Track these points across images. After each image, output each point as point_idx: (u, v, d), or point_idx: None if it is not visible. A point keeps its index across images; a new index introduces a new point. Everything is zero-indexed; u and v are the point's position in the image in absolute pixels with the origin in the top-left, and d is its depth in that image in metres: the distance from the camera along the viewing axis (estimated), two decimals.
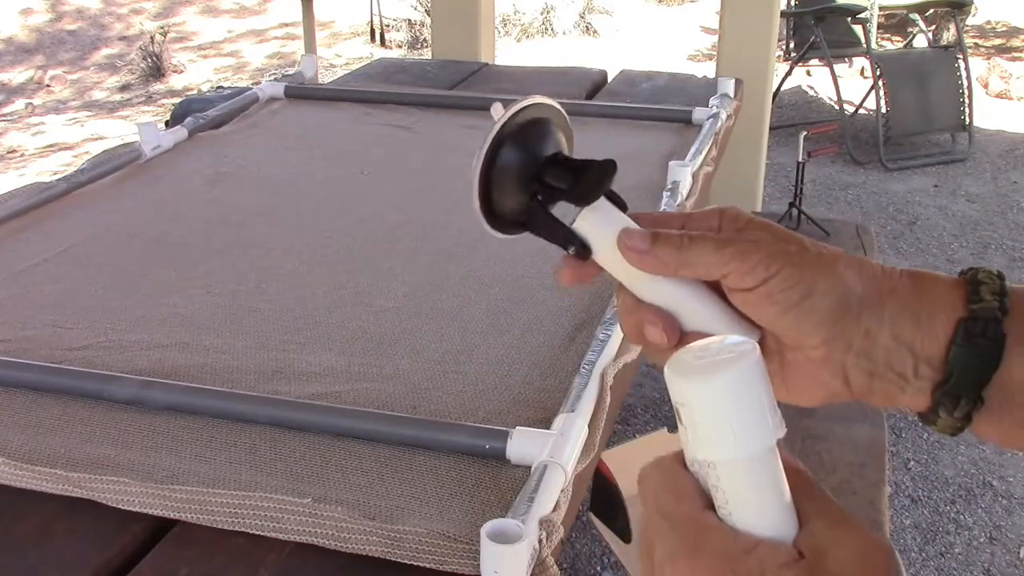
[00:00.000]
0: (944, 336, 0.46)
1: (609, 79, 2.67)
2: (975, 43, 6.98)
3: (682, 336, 0.50)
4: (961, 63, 4.77)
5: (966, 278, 0.47)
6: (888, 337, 0.47)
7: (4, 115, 6.35)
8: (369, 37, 7.65)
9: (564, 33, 7.97)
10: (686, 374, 0.42)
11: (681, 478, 0.43)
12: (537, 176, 0.51)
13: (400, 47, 7.53)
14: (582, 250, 0.51)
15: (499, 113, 0.49)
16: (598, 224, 0.51)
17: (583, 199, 0.50)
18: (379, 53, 7.23)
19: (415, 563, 0.82)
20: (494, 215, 0.51)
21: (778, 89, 5.12)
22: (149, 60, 6.94)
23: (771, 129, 3.43)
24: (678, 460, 0.44)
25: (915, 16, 5.99)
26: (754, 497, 0.42)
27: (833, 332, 0.47)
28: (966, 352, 0.46)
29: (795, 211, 2.74)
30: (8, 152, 5.62)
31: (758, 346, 0.42)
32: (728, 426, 0.41)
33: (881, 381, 0.48)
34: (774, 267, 0.47)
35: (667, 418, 2.76)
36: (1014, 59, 6.63)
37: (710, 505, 0.43)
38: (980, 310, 0.46)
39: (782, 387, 0.50)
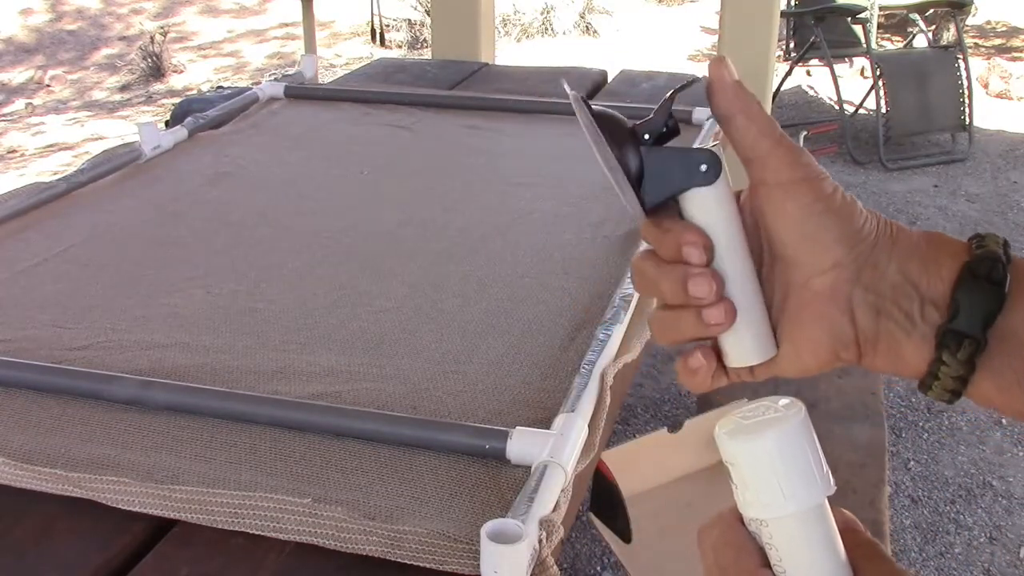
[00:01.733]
0: (949, 279, 0.47)
1: (609, 79, 2.67)
2: (975, 43, 6.98)
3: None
4: (961, 63, 4.77)
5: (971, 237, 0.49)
6: (896, 272, 0.47)
7: (4, 115, 6.35)
8: (369, 37, 7.65)
9: (564, 33, 7.97)
10: (734, 435, 0.42)
11: (740, 534, 0.44)
12: (631, 129, 0.50)
13: (400, 47, 7.52)
14: (716, 164, 0.49)
15: (572, 91, 0.49)
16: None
17: (671, 97, 0.50)
18: (379, 53, 7.23)
19: (415, 563, 0.82)
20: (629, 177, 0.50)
21: (778, 89, 5.12)
22: (149, 60, 6.94)
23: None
24: (737, 516, 0.45)
25: (915, 16, 5.98)
26: (806, 554, 0.42)
27: (846, 254, 0.47)
28: (971, 289, 0.46)
29: None
30: (8, 152, 5.62)
31: (803, 406, 0.43)
32: (776, 485, 0.42)
33: (888, 321, 0.47)
34: (816, 171, 0.48)
35: (667, 418, 2.77)
36: (1014, 59, 6.63)
37: (767, 562, 0.43)
38: (984, 253, 0.47)
39: (788, 342, 0.50)
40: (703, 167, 0.48)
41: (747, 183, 0.51)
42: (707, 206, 0.49)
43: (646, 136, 0.49)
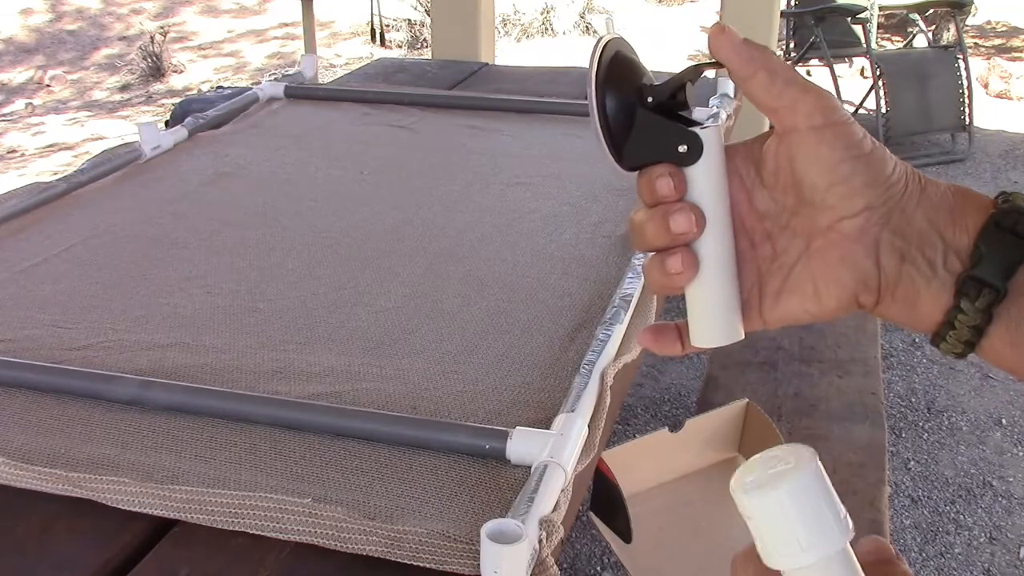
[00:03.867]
0: (974, 229, 0.47)
1: None
2: (975, 43, 6.98)
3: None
4: (961, 63, 4.77)
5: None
6: (922, 219, 0.48)
7: (4, 115, 6.35)
8: (369, 37, 7.65)
9: (564, 33, 7.97)
10: (748, 490, 0.43)
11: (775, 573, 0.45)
12: (639, 86, 0.50)
13: (400, 47, 7.53)
14: (696, 150, 0.49)
15: (603, 29, 0.50)
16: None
17: (689, 73, 0.50)
18: (379, 53, 7.23)
19: (415, 563, 0.82)
20: (609, 128, 0.50)
21: None
22: (149, 60, 6.94)
23: (771, 129, 3.43)
24: None
25: (915, 16, 5.98)
26: None
27: (876, 198, 0.48)
28: (995, 239, 0.47)
29: None
30: (8, 152, 5.62)
31: (814, 452, 0.43)
32: (793, 536, 0.42)
33: (910, 267, 0.48)
34: (846, 116, 0.48)
35: (667, 418, 2.77)
36: (1014, 59, 6.63)
37: None
38: (1011, 207, 0.47)
39: (809, 283, 0.50)
40: (682, 148, 0.49)
41: (772, 133, 0.52)
42: (689, 181, 0.50)
43: (649, 99, 0.50)
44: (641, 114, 0.50)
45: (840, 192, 0.48)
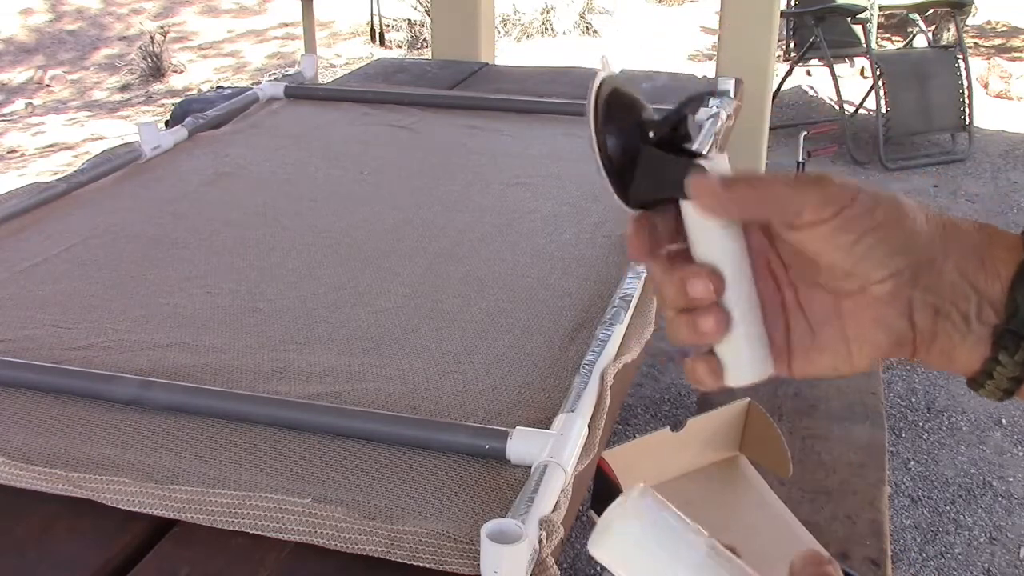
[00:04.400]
0: (1006, 277, 0.46)
1: None
2: (975, 43, 6.98)
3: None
4: (961, 63, 4.77)
5: None
6: (953, 270, 0.46)
7: (4, 115, 6.35)
8: (369, 37, 7.65)
9: (564, 33, 7.97)
10: (594, 545, 0.43)
11: None
12: (639, 122, 0.49)
13: (400, 47, 7.53)
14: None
15: (604, 66, 0.49)
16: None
17: (689, 104, 0.49)
18: (379, 53, 7.23)
19: (415, 563, 0.82)
20: (612, 167, 0.49)
21: (778, 89, 5.12)
22: (149, 60, 6.94)
23: (771, 129, 3.43)
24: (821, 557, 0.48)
25: (915, 16, 5.98)
26: None
27: (903, 262, 0.46)
28: None
29: None
30: (8, 152, 5.62)
31: (647, 489, 0.44)
32: (652, 570, 0.43)
33: (945, 321, 0.47)
34: (849, 195, 0.47)
35: (667, 418, 2.77)
36: (1014, 59, 6.63)
37: None
38: None
39: (841, 343, 0.49)
40: (684, 183, 0.48)
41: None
42: (698, 218, 0.48)
43: (651, 134, 0.49)
44: (644, 151, 0.49)
45: (864, 267, 0.47)
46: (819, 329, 0.50)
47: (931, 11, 6.08)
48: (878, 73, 4.73)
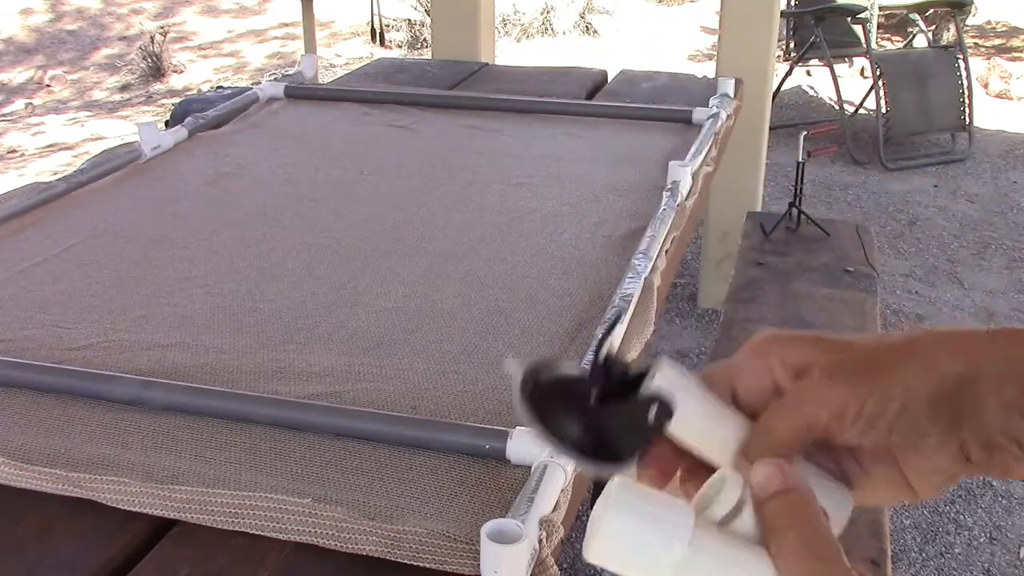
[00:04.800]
0: None
1: (609, 79, 2.67)
2: (975, 43, 6.98)
3: None
4: (961, 63, 4.77)
5: None
6: (996, 406, 0.44)
7: (4, 115, 6.35)
8: (369, 37, 7.65)
9: (564, 33, 7.97)
10: (586, 548, 0.43)
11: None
12: (574, 396, 0.46)
13: (400, 47, 7.53)
14: (664, 409, 0.45)
15: (513, 368, 0.47)
16: (674, 387, 0.46)
17: (602, 341, 0.47)
18: (379, 53, 7.23)
19: (415, 563, 0.82)
20: (583, 451, 0.46)
21: (778, 89, 5.12)
22: (149, 60, 6.94)
23: (771, 129, 3.43)
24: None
25: (915, 16, 5.99)
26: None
27: (941, 424, 0.44)
28: None
29: (795, 211, 2.74)
30: (8, 152, 5.62)
31: (623, 481, 0.43)
32: (641, 562, 0.42)
33: (1001, 453, 0.45)
34: (855, 405, 0.44)
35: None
36: (1014, 59, 6.63)
37: None
38: None
39: (900, 482, 0.48)
40: (651, 417, 0.45)
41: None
42: (682, 434, 0.46)
43: (592, 396, 0.46)
44: (601, 417, 0.46)
45: (903, 444, 0.46)
46: (873, 469, 0.48)
47: (931, 11, 6.09)
48: (878, 73, 4.73)
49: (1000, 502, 2.40)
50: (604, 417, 0.45)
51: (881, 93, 4.73)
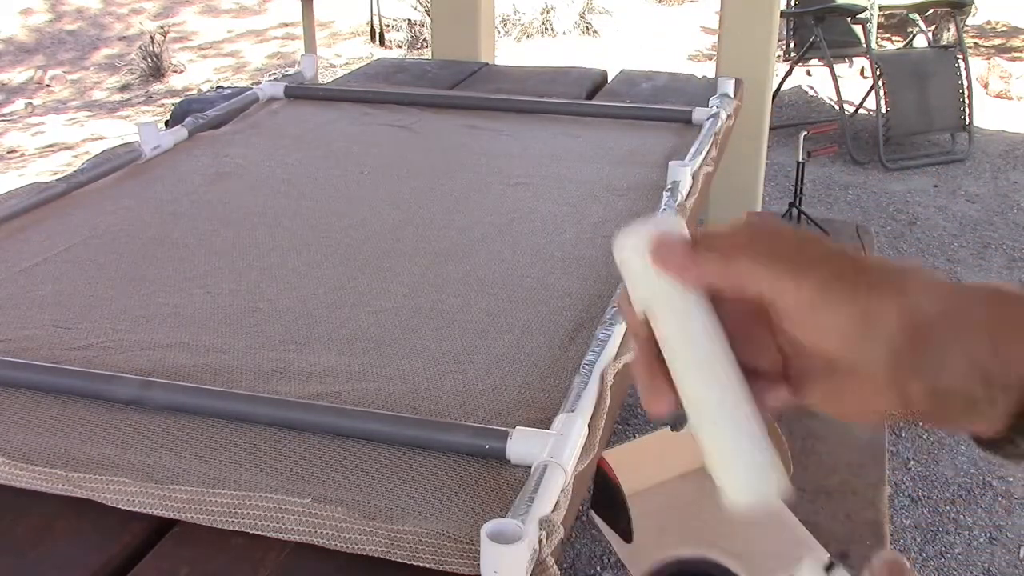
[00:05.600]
0: (1020, 362, 0.42)
1: (609, 79, 2.67)
2: (975, 43, 6.98)
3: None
4: (961, 63, 4.77)
5: None
6: (960, 358, 0.42)
7: (4, 115, 6.35)
8: (369, 37, 7.65)
9: (564, 33, 7.97)
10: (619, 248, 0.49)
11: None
12: None
13: (400, 47, 7.53)
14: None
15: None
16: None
17: None
18: (379, 53, 7.23)
19: (415, 563, 0.82)
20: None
21: (778, 89, 5.12)
22: (149, 60, 6.94)
23: (771, 129, 3.43)
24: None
25: (915, 16, 5.99)
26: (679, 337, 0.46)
27: (900, 359, 0.42)
28: None
29: (795, 211, 2.74)
30: (8, 152, 5.62)
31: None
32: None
33: (950, 407, 0.43)
34: (836, 287, 0.42)
35: (667, 418, 2.76)
36: (1014, 59, 6.63)
37: None
38: None
39: (837, 406, 0.46)
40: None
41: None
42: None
43: None
44: None
45: (855, 362, 0.43)
46: (814, 381, 0.46)
47: (931, 11, 6.09)
48: (878, 73, 4.73)
49: (1000, 502, 2.40)
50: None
51: (881, 93, 4.73)
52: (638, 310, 0.48)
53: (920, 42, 6.00)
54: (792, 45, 5.64)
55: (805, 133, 2.78)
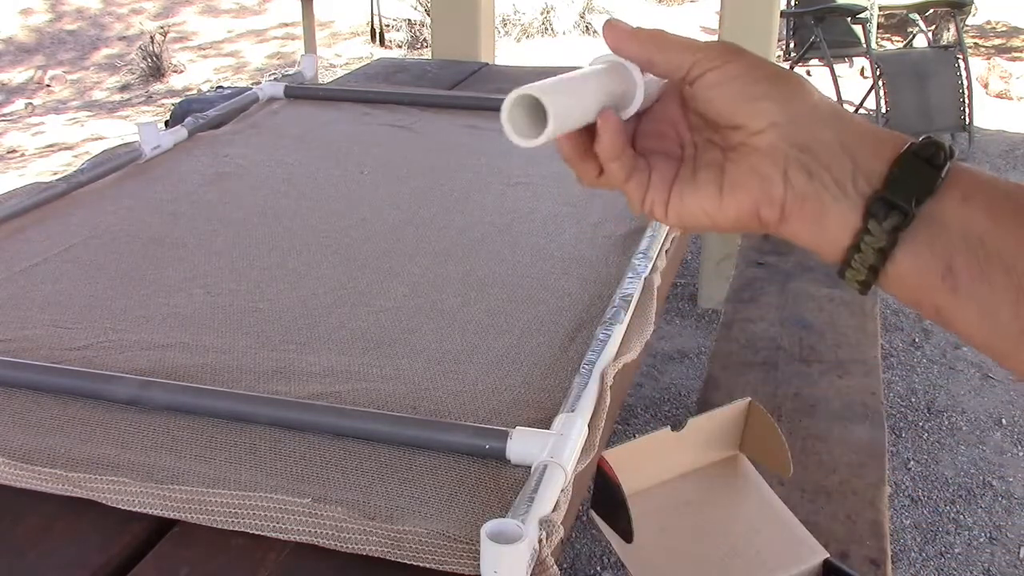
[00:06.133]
0: (890, 156, 0.49)
1: None
2: (975, 43, 6.98)
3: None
4: (961, 63, 4.77)
5: None
6: (833, 139, 0.49)
7: (4, 115, 6.35)
8: (369, 37, 7.65)
9: (564, 33, 7.97)
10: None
11: None
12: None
13: (400, 47, 7.53)
14: None
15: None
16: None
17: None
18: (379, 53, 7.23)
19: (415, 563, 0.82)
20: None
21: None
22: (149, 60, 6.94)
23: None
24: None
25: (915, 16, 5.99)
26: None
27: (780, 113, 0.50)
28: (910, 166, 0.48)
29: None
30: (8, 152, 5.62)
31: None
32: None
33: (817, 184, 0.49)
34: (740, 53, 0.52)
35: (667, 418, 2.77)
36: (1014, 59, 6.63)
37: None
38: (931, 142, 0.49)
39: (716, 187, 0.53)
40: None
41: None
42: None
43: None
44: None
45: (745, 112, 0.51)
46: (700, 172, 0.54)
47: (931, 11, 6.09)
48: (878, 73, 4.73)
49: (1000, 502, 2.41)
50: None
51: (881, 93, 4.73)
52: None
53: (920, 42, 6.01)
54: (792, 45, 5.65)
55: None
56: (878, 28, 6.55)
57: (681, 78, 0.53)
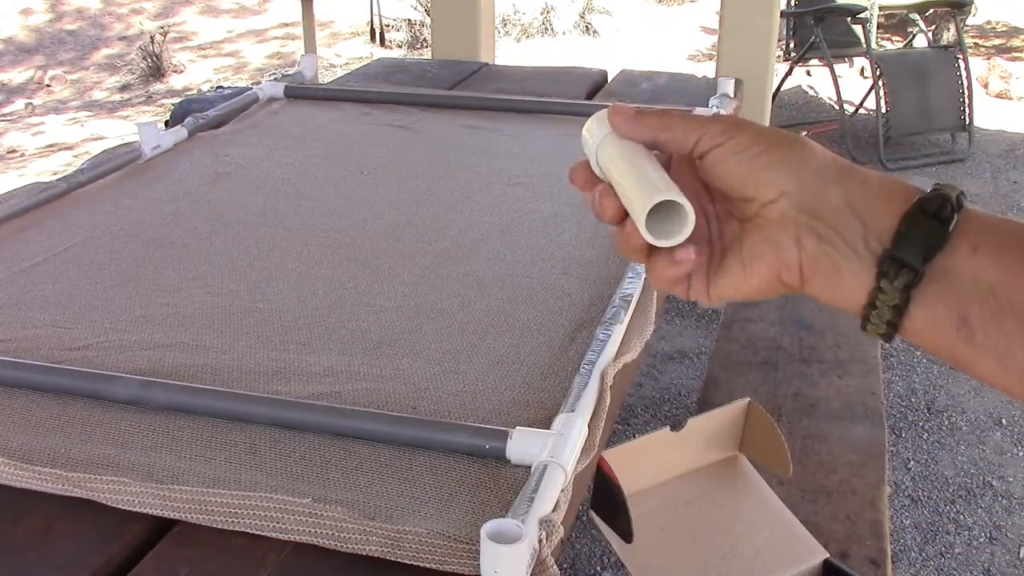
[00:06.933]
0: (898, 213, 0.49)
1: (609, 79, 2.67)
2: (975, 43, 6.98)
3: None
4: (961, 63, 4.77)
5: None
6: (841, 201, 0.50)
7: (4, 115, 6.35)
8: (369, 37, 7.65)
9: (564, 33, 7.97)
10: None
11: None
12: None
13: (400, 47, 7.53)
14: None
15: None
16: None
17: None
18: (379, 53, 7.23)
19: (415, 563, 0.82)
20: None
21: (778, 89, 5.12)
22: (149, 60, 6.94)
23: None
24: None
25: (915, 16, 5.99)
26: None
27: (789, 181, 0.51)
28: (917, 223, 0.49)
29: None
30: (8, 152, 5.62)
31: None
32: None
33: (828, 247, 0.50)
34: (741, 127, 0.54)
35: (667, 418, 2.77)
36: (1014, 59, 6.63)
37: None
38: (937, 194, 0.49)
39: (739, 264, 0.55)
40: None
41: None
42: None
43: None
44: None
45: (754, 185, 0.53)
46: (726, 254, 0.56)
47: (931, 11, 6.09)
48: (878, 73, 4.73)
49: (1000, 502, 2.41)
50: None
51: (881, 93, 4.73)
52: (593, 163, 0.59)
53: (920, 42, 6.01)
54: (792, 45, 5.64)
55: (805, 133, 2.79)
56: (878, 28, 6.55)
57: (689, 153, 0.55)
